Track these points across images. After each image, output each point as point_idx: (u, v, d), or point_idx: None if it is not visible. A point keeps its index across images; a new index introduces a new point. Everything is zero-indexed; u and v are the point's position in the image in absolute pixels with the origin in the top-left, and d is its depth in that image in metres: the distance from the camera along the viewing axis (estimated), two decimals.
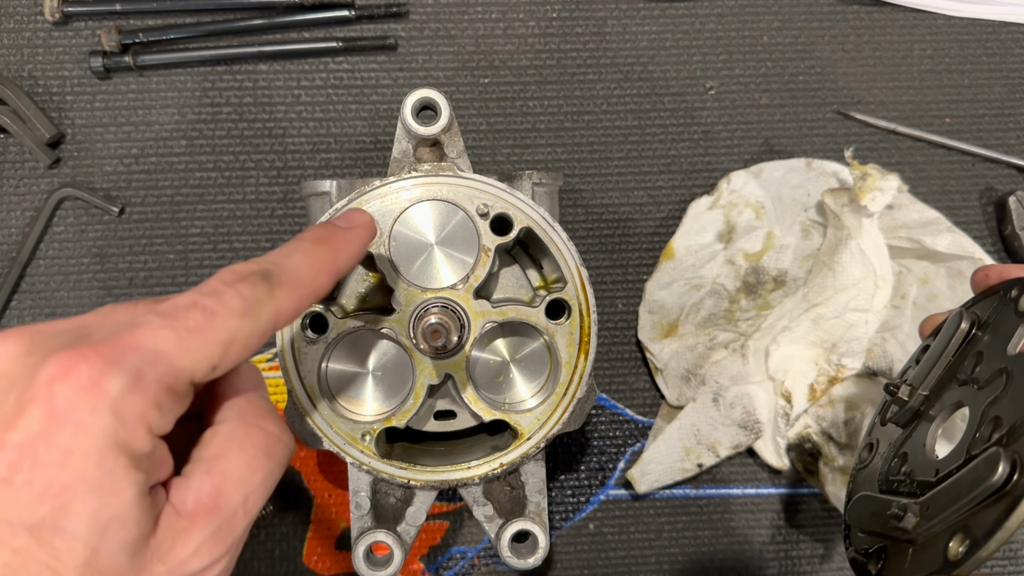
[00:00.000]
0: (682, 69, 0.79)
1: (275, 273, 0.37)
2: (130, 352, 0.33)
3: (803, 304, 0.72)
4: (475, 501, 0.55)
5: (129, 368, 0.32)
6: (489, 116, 0.77)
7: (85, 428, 0.31)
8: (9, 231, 0.74)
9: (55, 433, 0.31)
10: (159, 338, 0.33)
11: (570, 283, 0.53)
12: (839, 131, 0.79)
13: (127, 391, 0.32)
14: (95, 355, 0.32)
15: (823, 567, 0.75)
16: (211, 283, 0.36)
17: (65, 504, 0.31)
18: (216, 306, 0.35)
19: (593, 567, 0.75)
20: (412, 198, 0.52)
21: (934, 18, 0.80)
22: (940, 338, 0.52)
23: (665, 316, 0.75)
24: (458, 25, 0.78)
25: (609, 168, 0.78)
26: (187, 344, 0.34)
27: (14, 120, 0.73)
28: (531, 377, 0.54)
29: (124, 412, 0.32)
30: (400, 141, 0.53)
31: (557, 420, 0.52)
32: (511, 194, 0.52)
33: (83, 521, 0.31)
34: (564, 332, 0.53)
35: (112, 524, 0.32)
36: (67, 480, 0.31)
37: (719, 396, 0.71)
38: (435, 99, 0.52)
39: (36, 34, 0.76)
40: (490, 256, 0.52)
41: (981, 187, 0.79)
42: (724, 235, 0.75)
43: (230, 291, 0.36)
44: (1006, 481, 0.39)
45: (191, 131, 0.76)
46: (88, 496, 0.31)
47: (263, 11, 0.76)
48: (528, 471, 0.55)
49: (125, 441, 0.32)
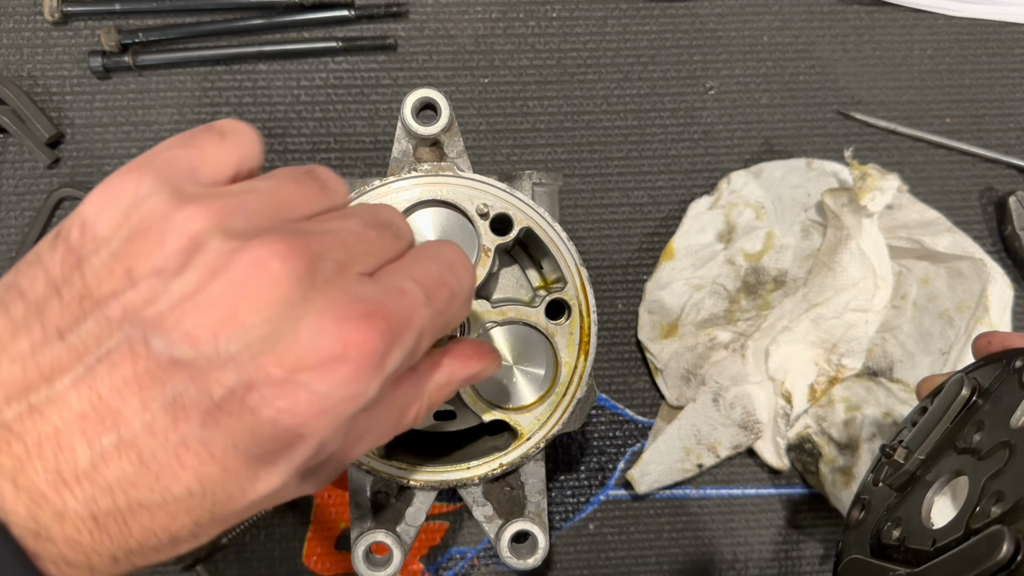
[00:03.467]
0: (682, 69, 0.79)
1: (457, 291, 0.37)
2: (407, 333, 0.32)
3: (803, 304, 0.72)
4: (475, 501, 0.55)
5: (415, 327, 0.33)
6: (489, 116, 0.77)
7: (324, 397, 0.30)
8: (8, 231, 0.74)
9: (315, 382, 0.30)
10: (423, 317, 0.33)
11: (570, 283, 0.53)
12: (839, 131, 0.79)
13: (403, 358, 0.33)
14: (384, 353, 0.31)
15: (823, 567, 0.75)
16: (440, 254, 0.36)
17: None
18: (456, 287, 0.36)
19: (593, 567, 0.75)
20: (412, 198, 0.51)
21: (934, 18, 0.80)
22: (939, 402, 0.50)
23: (665, 316, 0.75)
24: (458, 25, 0.78)
25: (609, 168, 0.78)
26: (440, 327, 0.35)
27: (13, 120, 0.73)
28: (531, 377, 0.53)
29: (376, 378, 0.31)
30: (400, 141, 0.53)
31: (557, 420, 0.52)
32: (511, 194, 0.52)
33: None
34: (564, 332, 0.53)
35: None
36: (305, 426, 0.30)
37: (719, 396, 0.71)
38: (435, 99, 0.52)
39: (35, 34, 0.76)
40: (490, 256, 0.52)
41: (981, 187, 0.79)
42: (724, 235, 0.75)
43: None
44: (1010, 561, 0.38)
45: None
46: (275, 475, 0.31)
47: (263, 11, 0.76)
48: (528, 471, 0.55)
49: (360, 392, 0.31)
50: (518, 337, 0.53)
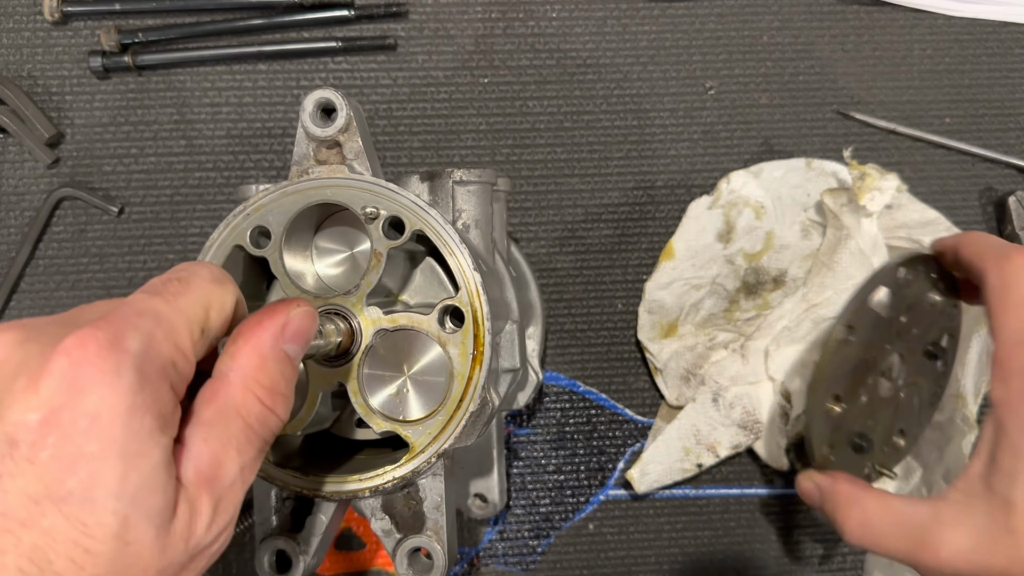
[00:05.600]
0: (682, 69, 0.79)
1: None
2: (136, 317, 0.33)
3: (803, 304, 0.72)
4: (372, 514, 0.52)
5: (143, 329, 0.33)
6: (489, 116, 0.77)
7: (111, 389, 0.31)
8: (8, 231, 0.74)
9: (79, 401, 0.31)
10: (154, 303, 0.34)
11: (463, 288, 0.49)
12: (839, 131, 0.79)
13: (146, 348, 0.32)
14: (106, 324, 0.32)
15: (823, 567, 0.75)
16: (178, 266, 0.39)
17: (94, 473, 0.30)
18: (189, 276, 0.37)
19: (593, 567, 0.75)
20: (297, 202, 0.50)
21: (934, 18, 0.80)
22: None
23: (665, 316, 0.75)
24: (458, 25, 0.78)
25: (609, 168, 0.78)
26: (176, 306, 0.35)
27: (13, 120, 0.73)
28: (425, 388, 0.50)
29: (147, 369, 0.32)
30: (300, 143, 0.52)
31: (450, 434, 0.49)
32: (403, 195, 0.50)
33: (112, 488, 0.31)
34: (457, 342, 0.49)
35: (141, 490, 0.31)
36: (95, 448, 0.30)
37: (719, 396, 0.71)
38: (332, 99, 0.50)
39: (35, 34, 0.76)
40: (381, 260, 0.49)
41: (981, 187, 0.79)
42: (724, 235, 0.75)
43: (197, 265, 0.38)
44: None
45: (190, 131, 0.76)
46: (117, 461, 0.31)
47: (263, 11, 0.76)
48: (427, 486, 0.52)
49: (152, 399, 0.32)
50: (413, 346, 0.50)
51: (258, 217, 0.50)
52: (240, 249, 0.49)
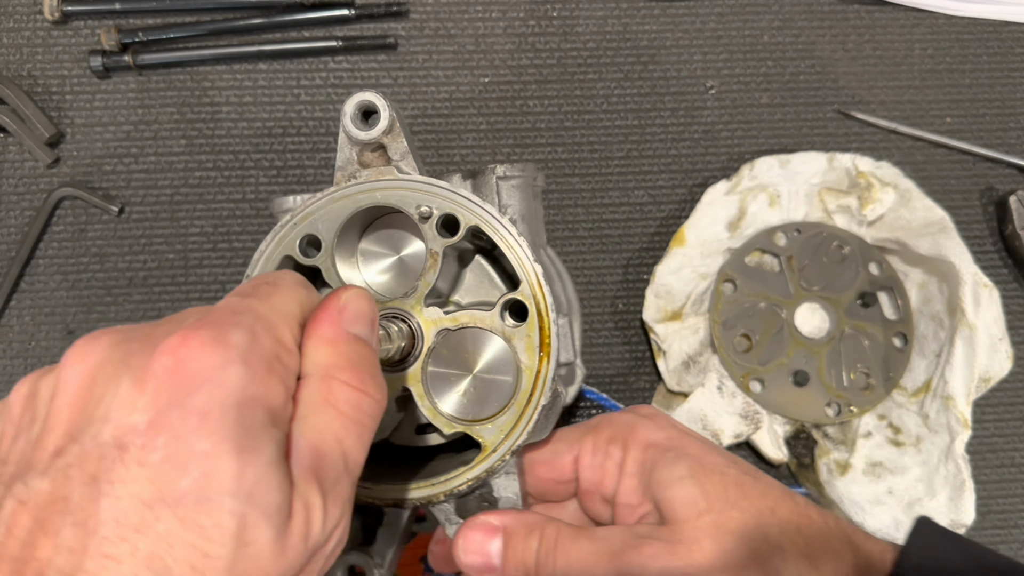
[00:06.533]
0: (682, 68, 0.79)
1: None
2: (234, 315, 0.32)
3: None
4: (447, 519, 0.51)
5: (244, 324, 0.32)
6: (489, 116, 0.77)
7: (219, 384, 0.30)
8: (8, 231, 0.74)
9: (187, 398, 0.30)
10: (249, 302, 0.34)
11: (524, 282, 0.48)
12: (840, 130, 0.79)
13: (250, 342, 0.32)
14: (206, 322, 0.31)
15: None
16: (261, 275, 0.39)
17: (207, 471, 0.29)
18: (276, 280, 0.37)
19: None
20: (348, 207, 0.49)
21: (935, 17, 0.80)
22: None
23: (671, 302, 0.74)
24: (458, 24, 0.78)
25: (609, 168, 0.77)
26: (271, 304, 0.35)
27: (13, 119, 0.73)
28: (492, 385, 0.49)
29: (253, 363, 0.31)
30: (343, 148, 0.50)
31: (522, 430, 0.48)
32: (456, 192, 0.49)
33: (227, 486, 0.29)
34: (522, 335, 0.48)
35: (257, 487, 0.30)
36: (207, 445, 0.29)
37: (722, 384, 0.72)
38: (374, 101, 0.49)
39: (35, 33, 0.76)
40: (438, 260, 0.48)
41: (982, 187, 0.79)
42: (734, 223, 0.74)
43: (280, 272, 0.39)
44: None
45: (191, 130, 0.76)
46: (230, 458, 0.29)
47: (263, 10, 0.76)
48: (500, 485, 0.51)
49: (261, 392, 0.31)
50: (477, 344, 0.49)
51: (306, 226, 0.49)
52: (290, 259, 0.48)
